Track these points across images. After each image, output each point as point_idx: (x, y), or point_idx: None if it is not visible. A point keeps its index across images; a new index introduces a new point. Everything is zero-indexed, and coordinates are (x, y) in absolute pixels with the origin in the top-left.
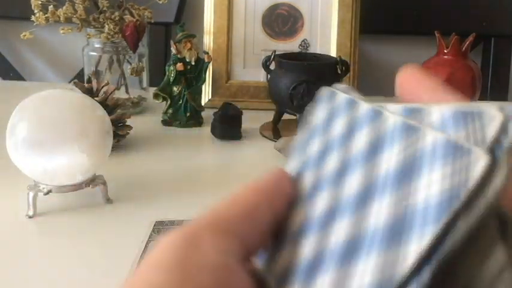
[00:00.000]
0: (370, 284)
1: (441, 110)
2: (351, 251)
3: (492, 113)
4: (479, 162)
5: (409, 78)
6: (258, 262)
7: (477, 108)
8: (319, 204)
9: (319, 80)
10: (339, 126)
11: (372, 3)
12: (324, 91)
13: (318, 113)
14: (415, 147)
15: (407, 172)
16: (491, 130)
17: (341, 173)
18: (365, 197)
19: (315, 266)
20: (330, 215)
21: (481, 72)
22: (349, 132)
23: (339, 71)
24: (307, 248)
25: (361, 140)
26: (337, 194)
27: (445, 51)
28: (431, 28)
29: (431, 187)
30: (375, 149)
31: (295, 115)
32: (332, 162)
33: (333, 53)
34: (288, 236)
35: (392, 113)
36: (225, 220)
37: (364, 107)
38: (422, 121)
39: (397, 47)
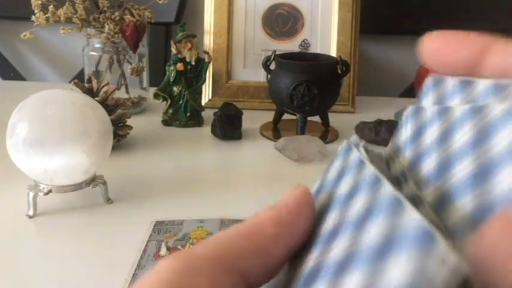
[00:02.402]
0: None
1: None
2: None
3: None
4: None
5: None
6: None
7: None
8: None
9: (319, 80)
10: (345, 185)
11: (372, 3)
12: (344, 144)
13: (334, 165)
14: (392, 228)
15: (381, 251)
16: None
17: (334, 233)
18: (343, 264)
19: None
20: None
21: None
22: (351, 194)
23: (339, 71)
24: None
25: (357, 206)
26: (323, 256)
27: None
28: (431, 28)
29: (397, 269)
30: (365, 217)
31: (295, 115)
32: (331, 221)
33: (333, 53)
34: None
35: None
36: (232, 255)
37: (369, 170)
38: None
39: (397, 47)
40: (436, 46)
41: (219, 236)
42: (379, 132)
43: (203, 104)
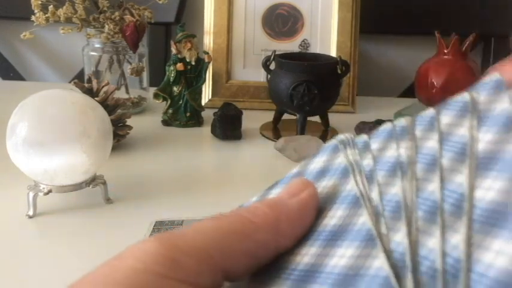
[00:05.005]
0: None
1: None
2: None
3: None
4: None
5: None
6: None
7: None
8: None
9: (319, 80)
10: (325, 189)
11: (372, 3)
12: (332, 141)
13: (317, 160)
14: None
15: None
16: None
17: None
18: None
19: None
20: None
21: (481, 72)
22: (329, 201)
23: (339, 71)
24: None
25: (333, 220)
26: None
27: (445, 51)
28: (431, 28)
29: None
30: (338, 236)
31: (295, 115)
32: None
33: (333, 53)
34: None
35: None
36: (221, 255)
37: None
38: None
39: (397, 47)
40: None
41: (209, 227)
42: None
43: (203, 104)
